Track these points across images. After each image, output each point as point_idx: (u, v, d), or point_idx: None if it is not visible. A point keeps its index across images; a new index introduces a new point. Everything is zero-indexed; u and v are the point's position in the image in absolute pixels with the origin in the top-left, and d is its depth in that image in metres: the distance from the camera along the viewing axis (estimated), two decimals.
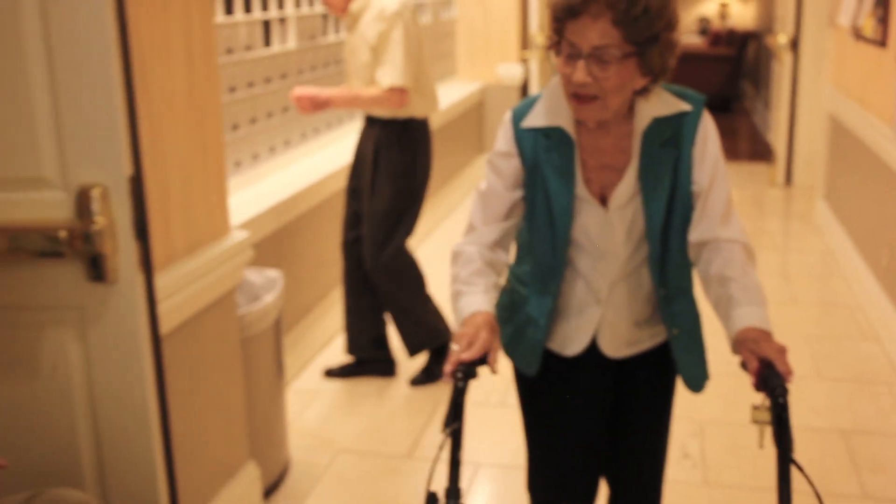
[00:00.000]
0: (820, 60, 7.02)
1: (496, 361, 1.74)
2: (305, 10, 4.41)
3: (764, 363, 1.65)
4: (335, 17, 4.56)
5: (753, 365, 1.66)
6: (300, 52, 4.41)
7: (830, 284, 5.23)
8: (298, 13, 4.36)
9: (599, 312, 1.98)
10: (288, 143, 4.38)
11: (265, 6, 4.13)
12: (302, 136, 4.53)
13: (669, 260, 1.92)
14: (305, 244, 4.12)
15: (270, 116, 4.15)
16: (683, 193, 1.87)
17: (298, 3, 4.38)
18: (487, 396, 3.78)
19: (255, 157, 4.04)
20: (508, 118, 1.94)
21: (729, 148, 9.13)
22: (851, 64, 5.57)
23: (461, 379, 1.69)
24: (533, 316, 2.01)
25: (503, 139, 1.94)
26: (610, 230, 1.91)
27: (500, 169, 1.94)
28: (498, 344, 1.78)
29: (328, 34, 4.74)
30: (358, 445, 3.50)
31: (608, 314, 1.98)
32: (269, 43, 4.18)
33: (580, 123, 1.88)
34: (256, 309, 2.93)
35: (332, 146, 4.75)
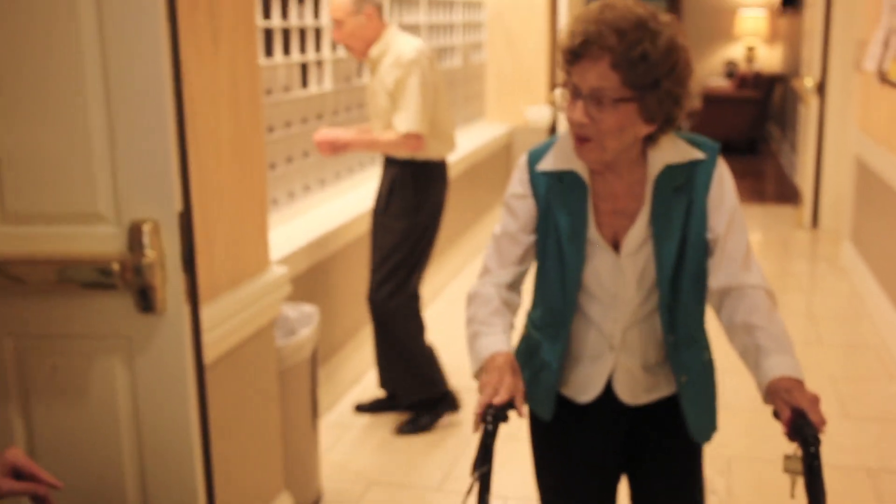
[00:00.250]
0: (846, 104, 7.09)
1: (523, 404, 1.74)
2: (341, 53, 4.55)
3: (796, 412, 1.63)
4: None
5: (786, 414, 1.65)
6: (335, 93, 4.55)
7: (856, 326, 5.26)
8: (334, 56, 4.50)
9: (613, 358, 1.98)
10: (323, 181, 4.50)
11: (303, 49, 4.27)
12: (336, 175, 4.65)
13: (680, 307, 1.92)
14: (338, 281, 4.22)
15: (307, 156, 4.27)
16: (696, 241, 1.88)
17: (335, 46, 4.51)
18: (517, 430, 3.83)
19: (290, 195, 4.16)
20: (524, 160, 1.97)
21: (755, 190, 9.18)
22: (877, 107, 5.63)
23: (491, 422, 1.67)
24: (546, 360, 2.02)
25: (518, 181, 1.97)
26: (621, 276, 1.91)
27: (515, 211, 1.96)
28: (522, 385, 1.76)
29: (363, 76, 4.87)
30: (389, 478, 3.57)
31: (622, 360, 1.98)
32: (306, 84, 4.31)
33: (593, 168, 1.90)
34: (293, 342, 3.02)
35: (364, 185, 4.86)
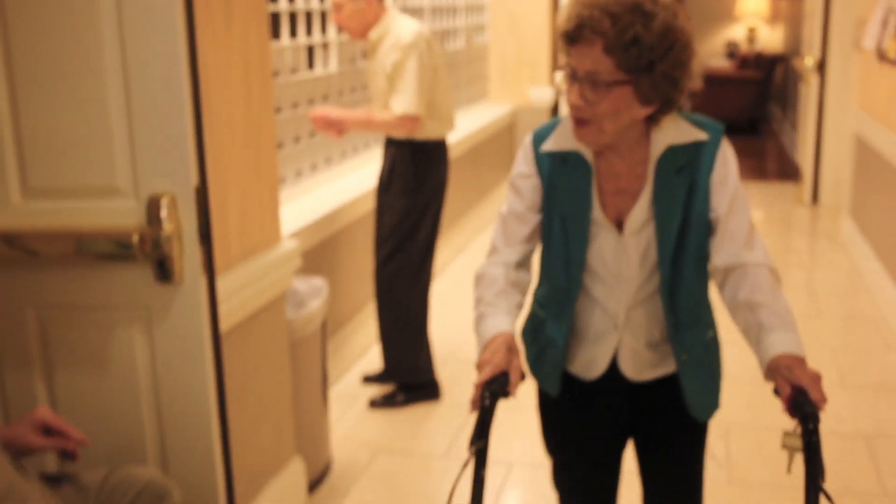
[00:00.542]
0: (846, 82, 7.16)
1: (516, 383, 1.74)
2: (346, 36, 4.62)
3: (797, 390, 1.64)
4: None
5: (787, 392, 1.65)
6: (341, 74, 4.63)
7: (855, 299, 5.35)
8: (340, 39, 4.59)
9: (617, 337, 2.00)
10: (329, 160, 4.59)
11: (309, 32, 4.35)
12: (342, 154, 4.74)
13: (681, 287, 1.93)
14: (345, 257, 4.31)
15: (313, 136, 4.36)
16: (698, 221, 1.89)
17: (340, 29, 4.59)
18: (520, 401, 3.93)
19: (298, 173, 4.25)
20: (529, 140, 1.99)
21: (756, 168, 9.26)
22: (876, 85, 5.70)
23: (488, 398, 1.68)
24: (552, 338, 2.04)
25: (523, 161, 1.99)
26: (625, 255, 1.93)
27: (520, 190, 1.98)
28: (519, 363, 1.77)
29: (367, 59, 4.95)
30: (396, 446, 3.68)
31: (626, 339, 2.00)
32: (312, 66, 4.40)
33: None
34: (304, 314, 3.12)
35: (369, 165, 4.95)
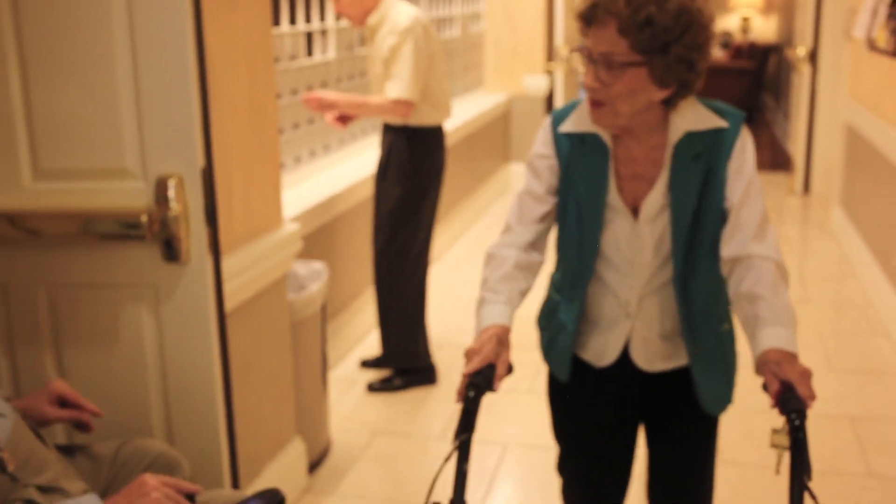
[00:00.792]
0: (837, 72, 7.23)
1: (502, 377, 1.73)
2: (344, 23, 4.68)
3: (785, 385, 1.60)
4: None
5: (774, 387, 1.62)
6: (339, 61, 4.69)
7: (844, 286, 5.44)
8: (338, 26, 4.64)
9: (629, 325, 1.99)
10: (328, 147, 4.65)
11: (308, 19, 4.40)
12: (340, 141, 4.79)
13: (695, 278, 1.91)
14: (343, 242, 4.38)
15: (312, 122, 4.42)
16: (713, 210, 1.87)
17: (338, 17, 4.64)
18: (517, 384, 4.01)
19: (297, 159, 4.31)
20: (548, 121, 1.98)
21: None
22: (866, 74, 5.77)
23: (472, 390, 1.67)
24: (563, 322, 2.04)
25: (542, 141, 1.98)
26: (639, 242, 1.91)
27: (538, 170, 1.98)
28: (507, 357, 1.76)
29: (364, 46, 5.00)
30: (394, 428, 3.75)
31: (638, 327, 1.99)
32: (311, 53, 4.45)
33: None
34: (304, 296, 3.18)
35: (367, 151, 5.01)
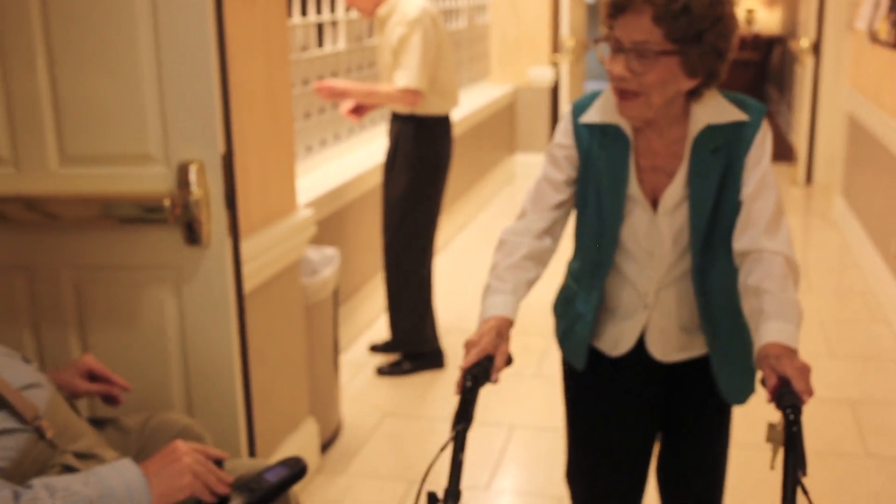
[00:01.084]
0: (840, 63, 7.29)
1: (500, 368, 1.73)
2: (354, 14, 4.76)
3: (782, 380, 1.60)
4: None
5: (772, 381, 1.61)
6: (349, 52, 4.77)
7: (845, 274, 5.52)
8: (348, 17, 4.72)
9: (647, 315, 1.99)
10: (338, 136, 4.73)
11: (319, 10, 4.48)
12: (350, 131, 4.88)
13: (713, 270, 1.92)
14: (353, 229, 4.46)
15: (322, 112, 4.50)
16: (731, 203, 1.87)
17: (348, 8, 4.72)
18: (523, 368, 4.10)
19: (308, 148, 4.39)
20: (569, 112, 1.98)
21: None
22: (868, 66, 5.84)
23: (470, 381, 1.66)
24: (581, 311, 2.04)
25: (562, 131, 1.97)
26: (657, 234, 1.91)
27: (557, 160, 1.97)
28: (506, 349, 1.76)
29: (373, 37, 5.09)
30: (403, 410, 3.84)
31: (656, 318, 1.99)
32: (321, 44, 4.53)
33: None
34: (317, 280, 3.27)
35: (377, 141, 5.09)
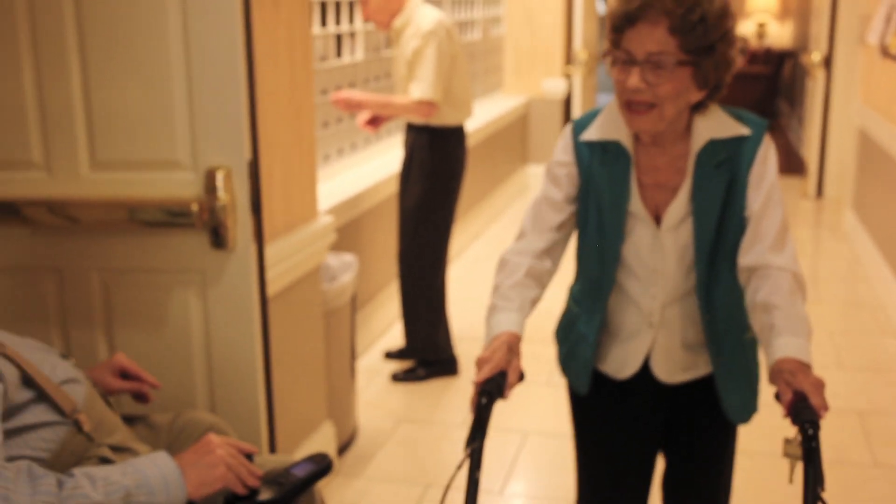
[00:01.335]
0: (851, 78, 7.34)
1: (513, 384, 1.72)
2: (372, 26, 4.84)
3: (798, 395, 1.60)
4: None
5: (787, 397, 1.61)
6: (366, 63, 4.85)
7: (855, 287, 5.56)
8: (366, 28, 4.80)
9: (652, 336, 1.97)
10: (355, 145, 4.81)
11: (338, 21, 4.56)
12: (367, 140, 4.95)
13: (719, 286, 1.91)
14: (369, 237, 4.53)
15: (340, 122, 4.58)
16: (736, 218, 1.86)
17: (367, 20, 4.79)
18: (535, 376, 4.16)
19: (326, 157, 4.47)
20: (569, 129, 1.96)
21: None
22: (879, 80, 5.89)
23: (483, 397, 1.66)
24: (583, 333, 2.02)
25: (562, 149, 1.96)
26: (661, 250, 1.90)
27: (557, 177, 1.95)
28: (518, 364, 1.75)
29: (390, 48, 5.16)
30: (418, 415, 3.90)
31: (660, 338, 1.97)
32: (340, 54, 4.61)
33: (638, 140, 1.90)
34: (336, 286, 3.34)
35: (392, 150, 5.17)
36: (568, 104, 8.08)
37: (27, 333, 2.10)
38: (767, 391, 2.35)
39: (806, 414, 1.56)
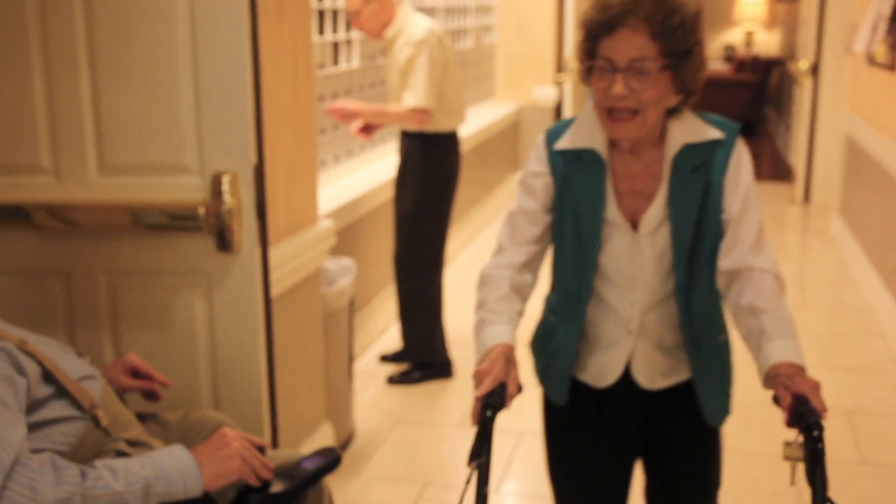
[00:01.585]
0: (838, 85, 7.44)
1: (513, 396, 1.71)
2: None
3: (798, 399, 1.60)
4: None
5: (787, 401, 1.61)
6: (362, 70, 4.92)
7: (842, 291, 5.66)
8: (362, 36, 4.87)
9: (631, 343, 1.95)
10: (350, 152, 4.87)
11: (335, 29, 4.63)
12: (362, 147, 5.02)
13: (696, 289, 1.90)
14: (365, 242, 4.60)
15: (336, 128, 4.64)
16: (712, 222, 1.86)
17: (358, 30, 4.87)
18: (530, 376, 4.21)
19: (323, 163, 4.53)
20: (542, 139, 1.95)
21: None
22: (866, 88, 5.98)
23: (488, 410, 1.65)
24: (561, 343, 2.00)
25: (536, 159, 1.94)
26: (639, 256, 1.89)
27: (533, 189, 1.94)
28: (517, 375, 1.73)
29: (386, 56, 5.23)
30: (414, 417, 3.96)
31: (640, 344, 1.96)
32: (336, 62, 4.68)
33: (613, 147, 1.89)
34: (335, 289, 3.40)
35: (388, 157, 5.23)
36: (559, 111, 8.17)
37: None
38: (753, 392, 2.38)
39: (810, 416, 1.57)
